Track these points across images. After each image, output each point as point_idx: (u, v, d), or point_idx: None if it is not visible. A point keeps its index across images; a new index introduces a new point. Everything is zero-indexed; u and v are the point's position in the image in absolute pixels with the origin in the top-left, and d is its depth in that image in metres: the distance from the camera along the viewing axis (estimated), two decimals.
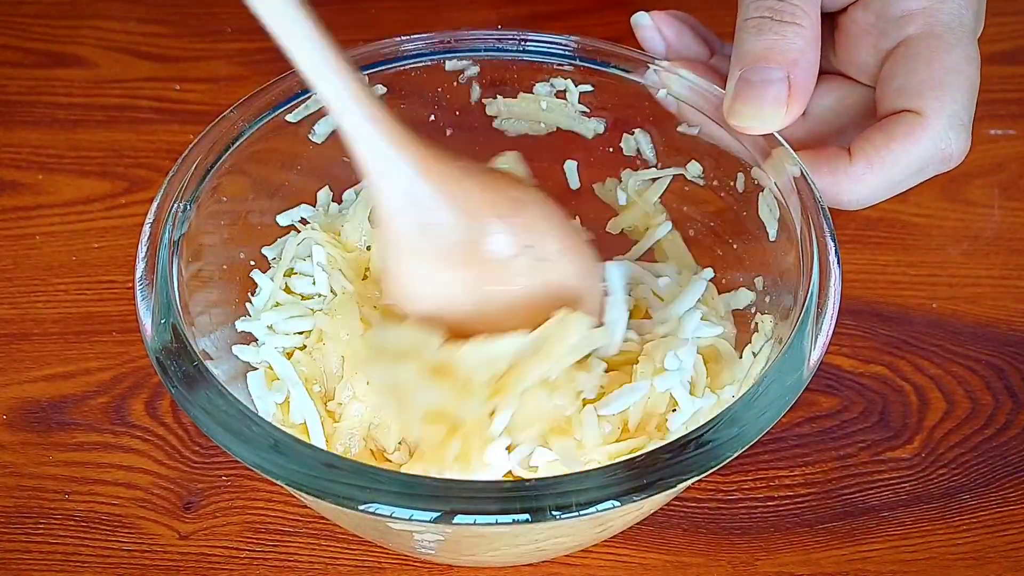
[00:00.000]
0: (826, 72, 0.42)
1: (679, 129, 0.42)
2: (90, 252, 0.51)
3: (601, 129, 0.44)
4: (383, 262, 0.35)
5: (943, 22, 0.39)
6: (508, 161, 0.39)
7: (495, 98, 0.44)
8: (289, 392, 0.38)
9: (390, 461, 0.39)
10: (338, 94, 0.31)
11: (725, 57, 0.44)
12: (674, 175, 0.43)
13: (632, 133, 0.44)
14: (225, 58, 0.60)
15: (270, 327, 0.40)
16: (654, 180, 0.44)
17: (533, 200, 0.34)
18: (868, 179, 0.38)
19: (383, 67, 0.43)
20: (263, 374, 0.39)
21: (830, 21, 0.42)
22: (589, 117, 0.44)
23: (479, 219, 0.33)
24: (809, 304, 0.34)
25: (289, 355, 0.40)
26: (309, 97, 0.41)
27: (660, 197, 0.44)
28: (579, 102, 0.44)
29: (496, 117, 0.45)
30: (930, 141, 0.38)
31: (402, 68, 0.43)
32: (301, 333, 0.41)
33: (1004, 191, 0.54)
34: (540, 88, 0.44)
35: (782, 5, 0.38)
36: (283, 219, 0.43)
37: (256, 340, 0.40)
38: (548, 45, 0.43)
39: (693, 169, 0.42)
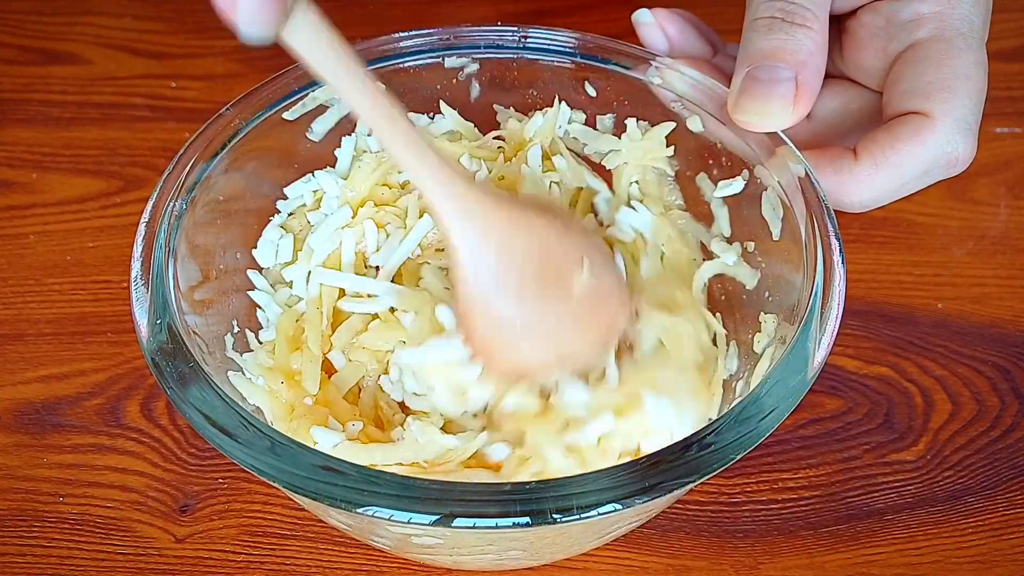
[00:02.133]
0: (833, 76, 0.42)
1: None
2: (85, 252, 0.51)
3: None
4: (463, 322, 0.36)
5: (953, 26, 0.38)
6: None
7: (508, 108, 0.45)
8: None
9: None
10: (428, 176, 0.33)
11: (728, 56, 0.43)
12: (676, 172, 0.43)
13: None
14: (222, 55, 0.60)
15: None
16: None
17: (568, 218, 0.37)
18: (873, 180, 0.38)
19: (382, 64, 0.42)
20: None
21: (838, 24, 0.41)
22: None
23: (544, 246, 0.35)
24: (813, 304, 0.34)
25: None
26: (306, 95, 0.41)
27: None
28: None
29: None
30: (936, 143, 0.37)
31: (401, 65, 0.42)
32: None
33: (1010, 190, 0.53)
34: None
35: (792, 7, 0.37)
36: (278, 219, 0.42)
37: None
38: (549, 42, 0.43)
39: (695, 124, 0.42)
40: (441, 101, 0.44)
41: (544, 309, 0.36)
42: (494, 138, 0.44)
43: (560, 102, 0.44)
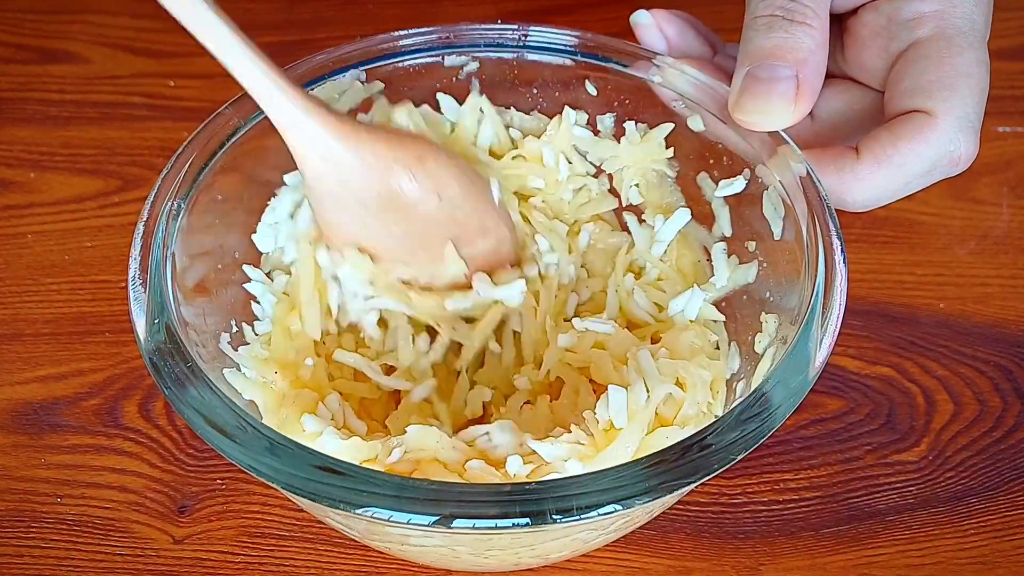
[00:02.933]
0: (835, 76, 0.42)
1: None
2: (83, 251, 0.51)
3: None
4: (316, 214, 0.39)
5: (955, 25, 0.38)
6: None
7: (508, 108, 0.44)
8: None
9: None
10: (250, 71, 0.36)
11: (728, 56, 0.43)
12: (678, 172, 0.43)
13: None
14: None
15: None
16: None
17: (433, 153, 0.39)
18: (874, 179, 0.38)
19: (381, 63, 0.42)
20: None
21: (839, 24, 0.41)
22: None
23: (388, 171, 0.38)
24: (814, 304, 0.34)
25: None
26: None
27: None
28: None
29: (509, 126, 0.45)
30: (938, 141, 0.37)
31: (400, 64, 0.42)
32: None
33: (1012, 189, 0.53)
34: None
35: (793, 5, 0.37)
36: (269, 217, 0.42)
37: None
38: (549, 40, 0.42)
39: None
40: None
41: (384, 229, 0.39)
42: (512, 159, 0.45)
43: (565, 110, 0.43)
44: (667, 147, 0.42)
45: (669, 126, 0.42)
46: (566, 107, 0.43)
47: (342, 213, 0.38)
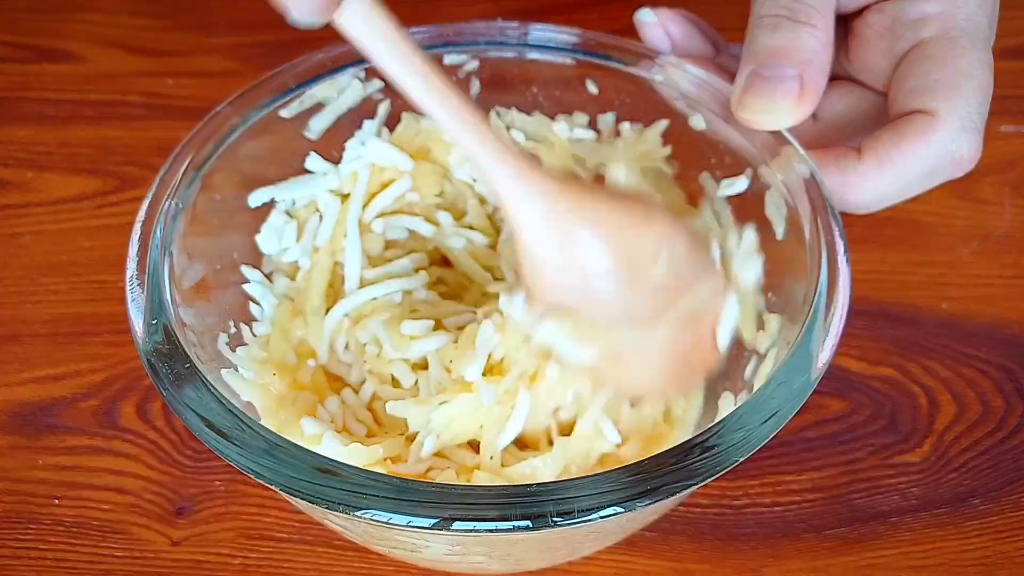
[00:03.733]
0: (840, 78, 0.41)
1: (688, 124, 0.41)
2: (80, 251, 0.51)
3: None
4: (528, 276, 0.36)
5: (958, 26, 0.38)
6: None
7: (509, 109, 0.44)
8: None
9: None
10: (481, 145, 0.33)
11: (730, 56, 0.43)
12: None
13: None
14: (218, 52, 0.59)
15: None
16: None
17: (658, 218, 0.36)
18: (877, 179, 0.38)
19: None
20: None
21: (844, 25, 0.41)
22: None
23: (613, 235, 0.35)
24: (817, 305, 0.34)
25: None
26: (303, 92, 0.40)
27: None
28: None
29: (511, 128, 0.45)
30: (941, 142, 0.37)
31: None
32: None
33: (1015, 189, 0.53)
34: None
35: (797, 5, 0.37)
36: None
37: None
38: (550, 39, 0.42)
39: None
40: None
41: (608, 300, 0.35)
42: None
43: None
44: (669, 146, 0.42)
45: (664, 123, 0.42)
46: (555, 122, 0.43)
47: (557, 275, 0.36)
